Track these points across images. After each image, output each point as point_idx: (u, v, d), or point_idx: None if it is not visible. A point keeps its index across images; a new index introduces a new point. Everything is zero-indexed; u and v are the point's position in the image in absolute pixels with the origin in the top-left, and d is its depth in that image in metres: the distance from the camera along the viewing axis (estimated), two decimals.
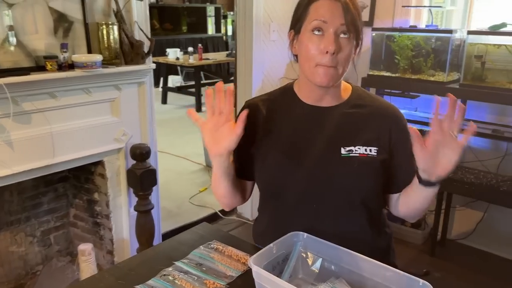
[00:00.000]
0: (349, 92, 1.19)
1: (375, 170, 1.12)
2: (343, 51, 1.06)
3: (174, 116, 6.12)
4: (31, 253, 2.44)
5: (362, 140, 1.13)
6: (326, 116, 1.16)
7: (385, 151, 1.14)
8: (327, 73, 1.06)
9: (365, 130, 1.14)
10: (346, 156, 1.12)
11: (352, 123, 1.15)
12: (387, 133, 1.14)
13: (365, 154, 1.11)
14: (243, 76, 2.99)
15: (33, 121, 1.93)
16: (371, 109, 1.16)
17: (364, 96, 1.20)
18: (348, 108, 1.17)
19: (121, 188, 2.38)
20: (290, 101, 1.20)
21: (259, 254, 0.95)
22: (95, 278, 1.07)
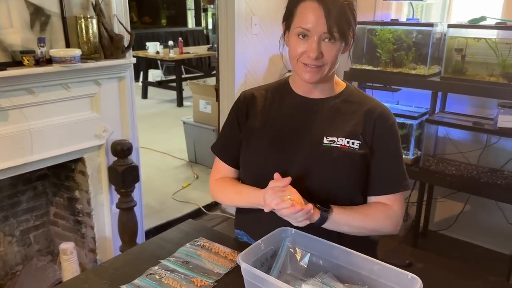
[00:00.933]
0: (342, 88, 1.22)
1: (354, 163, 1.13)
2: (328, 54, 1.08)
3: (155, 111, 6.05)
4: (10, 253, 2.37)
5: (345, 132, 1.14)
6: (315, 107, 1.18)
7: (367, 146, 1.14)
8: (312, 72, 1.09)
9: (350, 123, 1.15)
10: (327, 145, 1.13)
11: (339, 116, 1.17)
12: (371, 129, 1.15)
13: (346, 146, 1.13)
14: (225, 71, 2.96)
15: (10, 118, 1.87)
16: (360, 106, 1.18)
17: (356, 94, 1.22)
18: (338, 102, 1.19)
19: (102, 185, 2.33)
20: (283, 92, 1.23)
21: (247, 251, 0.94)
22: (79, 278, 1.04)
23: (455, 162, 2.65)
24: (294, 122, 1.19)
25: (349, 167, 1.13)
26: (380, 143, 1.16)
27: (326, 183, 1.13)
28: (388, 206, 1.16)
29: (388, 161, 1.16)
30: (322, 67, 1.09)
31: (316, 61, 1.07)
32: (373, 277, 0.92)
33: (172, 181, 3.67)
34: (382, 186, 1.16)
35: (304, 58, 1.08)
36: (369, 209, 1.16)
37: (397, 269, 0.88)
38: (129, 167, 2.24)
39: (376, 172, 1.16)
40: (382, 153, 1.16)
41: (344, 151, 1.13)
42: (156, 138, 4.62)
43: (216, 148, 1.33)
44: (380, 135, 1.15)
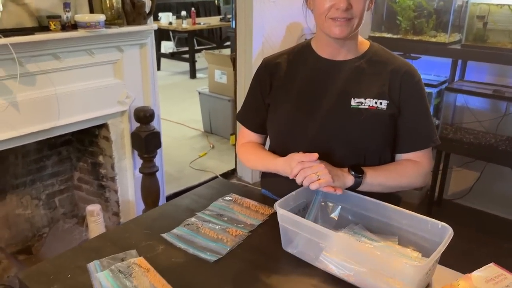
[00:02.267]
0: (366, 47, 1.20)
1: (383, 123, 1.14)
2: (356, 6, 1.07)
3: (168, 82, 6.07)
4: (37, 216, 2.46)
5: (373, 93, 1.14)
6: (340, 69, 1.18)
7: (395, 105, 1.15)
8: (341, 25, 1.08)
9: (377, 83, 1.15)
10: (355, 107, 1.14)
11: (365, 76, 1.17)
12: (397, 88, 1.15)
13: (374, 107, 1.13)
14: (243, 39, 2.96)
15: (38, 83, 1.91)
16: (385, 65, 1.17)
17: (380, 53, 1.20)
18: (363, 62, 1.18)
19: (125, 151, 2.39)
20: (306, 56, 1.22)
21: (283, 200, 0.99)
22: (119, 228, 1.10)
23: (473, 130, 2.66)
24: (319, 85, 1.18)
25: (377, 128, 1.14)
26: (408, 101, 1.15)
27: (355, 145, 1.14)
28: (418, 163, 1.17)
29: (416, 118, 1.17)
30: (351, 20, 1.08)
31: (345, 13, 1.06)
32: (403, 227, 0.96)
33: (188, 150, 3.73)
34: (411, 143, 1.17)
35: (332, 12, 1.07)
36: (401, 168, 1.17)
37: (427, 219, 0.92)
38: (151, 133, 2.29)
39: (405, 130, 1.17)
40: (410, 111, 1.16)
41: (372, 112, 1.13)
42: (171, 109, 4.66)
43: (240, 116, 1.36)
44: (407, 93, 1.15)
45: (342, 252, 0.91)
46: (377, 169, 1.14)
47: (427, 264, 0.80)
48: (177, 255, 0.98)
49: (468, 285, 0.78)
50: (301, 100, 1.19)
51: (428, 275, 0.87)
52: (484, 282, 0.79)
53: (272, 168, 1.18)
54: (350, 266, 0.90)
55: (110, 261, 0.95)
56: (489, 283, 0.79)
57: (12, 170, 2.28)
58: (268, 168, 1.21)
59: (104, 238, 1.06)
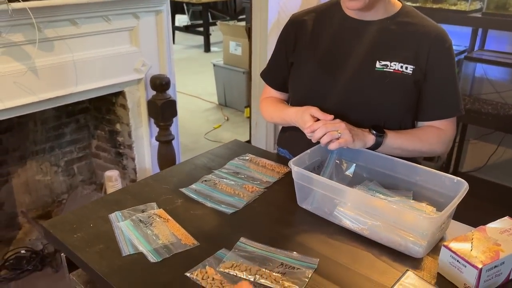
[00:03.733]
0: (397, 8, 1.15)
1: (406, 89, 1.11)
2: None
3: (183, 56, 6.06)
4: (56, 182, 2.53)
5: (399, 57, 1.11)
6: (367, 29, 1.14)
7: (421, 71, 1.11)
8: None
9: (405, 47, 1.11)
10: (380, 70, 1.11)
11: (392, 39, 1.13)
12: (426, 53, 1.10)
13: (400, 71, 1.10)
14: (258, 9, 2.93)
15: (56, 49, 1.93)
16: (415, 28, 1.12)
17: (412, 15, 1.15)
18: (391, 23, 1.13)
19: (142, 119, 2.42)
20: (334, 14, 1.19)
21: (297, 158, 1.00)
22: (140, 183, 1.13)
23: (491, 101, 2.62)
24: (345, 45, 1.15)
25: (400, 93, 1.11)
26: (436, 67, 1.11)
27: (376, 108, 1.13)
28: (441, 130, 1.15)
29: (443, 85, 1.13)
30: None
31: None
32: (418, 183, 0.97)
33: (203, 122, 3.76)
34: (437, 111, 1.15)
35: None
36: (423, 133, 1.15)
37: (442, 174, 0.93)
38: (167, 101, 2.31)
39: (430, 96, 1.14)
40: (437, 78, 1.12)
41: (396, 76, 1.10)
42: (185, 82, 4.67)
43: (263, 73, 1.35)
44: (436, 58, 1.11)
45: (356, 206, 0.92)
46: (398, 131, 1.12)
47: (441, 217, 0.81)
48: (195, 207, 1.01)
49: (482, 236, 0.79)
50: (325, 59, 1.17)
51: (442, 228, 0.88)
52: (498, 233, 0.80)
53: (287, 118, 1.18)
54: (364, 220, 0.91)
55: (131, 212, 0.98)
56: (503, 234, 0.79)
57: (32, 136, 2.33)
58: (283, 119, 1.21)
59: (124, 192, 1.09)
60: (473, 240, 0.78)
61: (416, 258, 0.85)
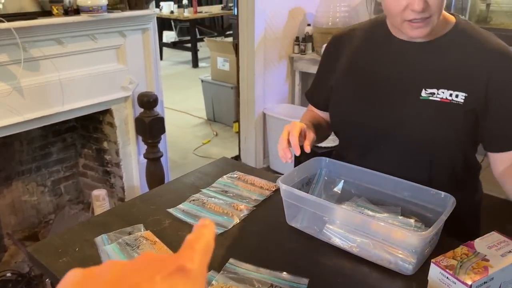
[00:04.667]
0: (450, 25, 1.01)
1: (455, 120, 0.97)
2: (433, 2, 0.90)
3: (171, 72, 6.06)
4: (43, 202, 2.49)
5: (449, 83, 0.98)
6: (415, 52, 1.02)
7: (477, 100, 0.96)
8: (419, 27, 0.94)
9: (456, 71, 0.98)
10: (425, 98, 0.98)
11: (442, 62, 1.00)
12: (485, 77, 0.96)
13: (448, 100, 0.97)
14: (245, 26, 2.95)
15: (42, 68, 1.92)
16: (472, 48, 0.98)
17: (468, 33, 1.00)
18: (444, 45, 1.00)
19: (129, 136, 2.40)
20: (379, 34, 1.08)
21: (286, 176, 1.00)
22: (127, 204, 1.12)
23: None
24: (388, 68, 1.05)
25: (448, 125, 0.98)
26: (501, 92, 0.96)
27: (420, 142, 1.00)
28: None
29: (507, 117, 0.98)
30: (430, 18, 0.92)
31: (422, 14, 0.90)
32: (407, 198, 0.97)
33: (192, 138, 3.75)
34: (498, 142, 1.01)
35: (407, 14, 0.92)
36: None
37: (429, 189, 0.93)
38: (155, 118, 2.30)
39: (497, 127, 0.99)
40: (504, 105, 0.97)
41: (444, 106, 0.97)
42: (173, 98, 4.67)
43: (307, 93, 1.28)
44: (500, 82, 0.96)
45: (345, 224, 0.92)
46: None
47: (429, 233, 0.81)
48: (183, 228, 1.00)
49: (470, 251, 0.79)
50: (364, 84, 1.07)
51: (431, 244, 0.88)
52: (486, 248, 0.80)
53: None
54: (353, 238, 0.91)
55: (118, 234, 0.97)
56: (491, 249, 0.80)
57: (18, 156, 2.30)
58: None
59: (111, 213, 1.08)
60: (462, 256, 0.78)
61: (406, 275, 0.85)
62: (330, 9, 2.91)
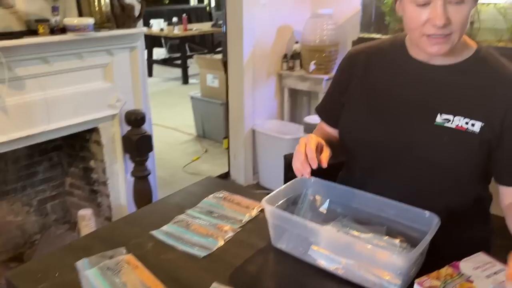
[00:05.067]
0: (471, 52, 1.00)
1: (469, 150, 0.95)
2: (456, 19, 0.89)
3: (161, 88, 6.06)
4: (28, 223, 2.44)
5: (465, 110, 0.95)
6: (433, 75, 1.00)
7: (493, 131, 0.95)
8: (439, 43, 0.92)
9: (475, 99, 0.96)
10: (439, 125, 0.97)
11: (461, 88, 0.98)
12: (503, 109, 0.94)
13: (464, 128, 0.95)
14: (233, 43, 2.97)
15: (27, 87, 1.91)
16: (492, 77, 0.97)
17: (489, 61, 0.99)
18: (463, 70, 0.99)
19: (117, 155, 2.38)
20: (397, 54, 1.06)
21: (269, 196, 0.99)
22: (110, 226, 1.10)
23: None
24: (403, 90, 1.02)
25: (462, 154, 0.96)
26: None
27: (432, 169, 0.98)
28: None
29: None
30: (450, 36, 0.91)
31: (443, 30, 0.89)
32: (392, 218, 0.96)
33: (181, 155, 3.73)
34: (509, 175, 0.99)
35: (427, 29, 0.90)
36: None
37: (414, 208, 0.93)
38: (143, 136, 2.28)
39: (503, 160, 0.98)
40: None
41: (458, 134, 0.95)
42: (163, 115, 4.65)
43: (318, 108, 1.26)
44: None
45: (330, 245, 0.91)
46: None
47: (414, 254, 0.80)
48: (166, 251, 0.98)
49: (455, 272, 0.78)
50: (378, 105, 1.05)
51: (416, 264, 0.87)
52: (471, 269, 0.79)
53: None
54: (338, 259, 0.90)
55: (99, 258, 0.94)
56: (477, 270, 0.79)
57: (2, 176, 2.26)
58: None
59: (93, 236, 1.05)
60: (446, 277, 0.77)
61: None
62: (317, 26, 2.94)
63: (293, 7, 3.14)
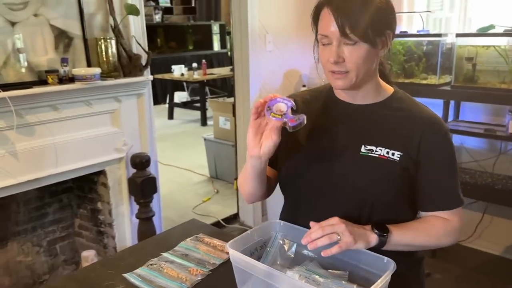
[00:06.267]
0: (388, 93, 1.13)
1: (391, 176, 1.06)
2: (349, 58, 1.02)
3: (179, 130, 6.23)
4: (38, 263, 2.51)
5: (386, 142, 1.08)
6: (356, 113, 1.13)
7: (411, 160, 1.06)
8: (339, 78, 1.05)
9: (394, 132, 1.09)
10: (364, 154, 1.08)
11: (381, 123, 1.10)
12: (417, 140, 1.06)
13: (385, 157, 1.06)
14: (240, 87, 3.08)
15: (37, 133, 2.02)
16: (406, 113, 1.09)
17: (404, 100, 1.13)
18: (382, 108, 1.11)
19: (123, 196, 2.45)
20: (327, 97, 1.19)
21: (236, 239, 1.01)
22: (87, 269, 1.14)
23: (470, 170, 2.64)
24: (332, 127, 1.14)
25: (386, 180, 1.06)
26: (430, 155, 1.06)
27: (362, 194, 1.07)
28: (447, 222, 1.08)
29: (439, 176, 1.07)
30: (347, 74, 1.03)
31: (338, 67, 1.02)
32: (354, 263, 0.97)
33: (192, 195, 3.78)
34: (435, 203, 1.09)
35: (329, 66, 1.04)
36: (429, 226, 1.08)
37: (374, 254, 0.93)
38: (147, 178, 2.35)
39: (426, 187, 1.08)
40: (432, 167, 1.07)
41: (381, 162, 1.06)
42: (179, 156, 4.77)
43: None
44: (429, 147, 1.06)
45: None
46: (403, 227, 1.05)
47: None
48: None
49: None
50: (310, 141, 1.15)
51: None
52: None
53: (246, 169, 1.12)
54: None
55: None
56: None
57: (14, 217, 2.36)
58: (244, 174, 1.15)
59: (69, 279, 1.10)
60: None
61: None
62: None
63: (300, 52, 3.24)
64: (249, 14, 2.87)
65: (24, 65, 1.96)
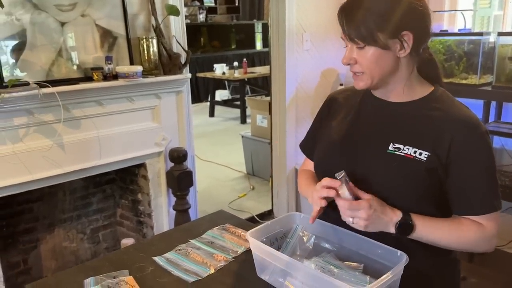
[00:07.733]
0: (427, 92, 1.12)
1: (415, 176, 1.04)
2: (360, 60, 1.06)
3: (220, 128, 6.36)
4: (81, 249, 2.68)
5: (415, 141, 1.06)
6: (389, 111, 1.13)
7: (439, 161, 1.04)
8: (357, 79, 1.10)
9: (424, 132, 1.06)
10: (391, 152, 1.07)
11: (413, 122, 1.09)
12: (448, 141, 1.03)
13: (412, 156, 1.04)
14: (277, 86, 3.12)
15: (82, 126, 2.17)
16: (441, 113, 1.07)
17: (441, 100, 1.10)
18: (416, 107, 1.10)
19: (161, 189, 2.57)
20: (365, 94, 1.20)
21: (257, 228, 1.07)
22: (120, 251, 1.23)
23: (510, 173, 2.56)
24: (365, 124, 1.16)
25: (410, 178, 1.04)
26: (461, 156, 1.02)
27: (386, 193, 1.05)
28: (481, 226, 1.03)
29: (472, 179, 1.03)
30: (362, 75, 1.07)
31: (354, 68, 1.07)
32: (369, 256, 1.00)
33: (229, 191, 3.87)
34: (466, 207, 1.05)
35: (350, 66, 1.09)
36: (459, 227, 1.04)
37: (386, 247, 0.96)
38: (184, 172, 2.45)
39: (458, 189, 1.05)
40: (465, 168, 1.03)
41: (406, 161, 1.04)
42: (218, 152, 4.88)
43: (301, 144, 1.38)
44: (462, 148, 1.02)
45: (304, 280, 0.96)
46: (432, 225, 1.03)
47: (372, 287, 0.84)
48: (163, 275, 1.09)
49: None
50: (345, 138, 1.17)
51: None
52: None
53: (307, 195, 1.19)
54: None
55: (104, 278, 1.07)
56: None
57: (61, 205, 2.53)
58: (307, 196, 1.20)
59: (104, 259, 1.19)
60: None
61: None
62: None
63: (338, 51, 3.24)
64: (287, 13, 2.91)
65: (76, 63, 2.11)
